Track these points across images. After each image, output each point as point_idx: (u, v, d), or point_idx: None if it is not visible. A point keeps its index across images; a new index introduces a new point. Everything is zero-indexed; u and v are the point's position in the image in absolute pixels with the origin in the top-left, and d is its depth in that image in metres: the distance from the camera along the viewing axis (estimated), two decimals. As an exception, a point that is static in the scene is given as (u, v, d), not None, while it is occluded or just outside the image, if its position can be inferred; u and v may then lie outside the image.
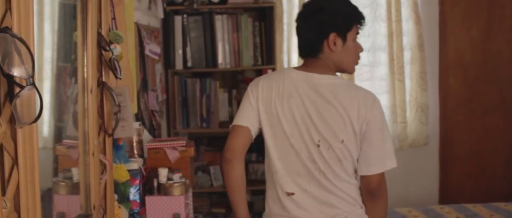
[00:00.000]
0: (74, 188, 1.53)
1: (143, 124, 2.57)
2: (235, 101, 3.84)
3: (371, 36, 3.93)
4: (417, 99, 3.95)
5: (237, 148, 1.96)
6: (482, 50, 4.03)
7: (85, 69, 1.42)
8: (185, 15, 3.69)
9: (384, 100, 3.96)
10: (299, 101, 1.87)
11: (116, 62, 1.56)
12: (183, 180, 2.01)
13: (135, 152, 2.20)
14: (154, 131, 2.85)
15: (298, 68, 1.98)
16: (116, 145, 1.85)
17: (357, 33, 1.97)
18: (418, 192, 4.05)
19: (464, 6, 4.03)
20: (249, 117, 1.94)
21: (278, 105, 1.89)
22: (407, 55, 3.93)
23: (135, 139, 2.21)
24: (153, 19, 3.25)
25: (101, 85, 1.58)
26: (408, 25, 3.92)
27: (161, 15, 3.37)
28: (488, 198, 3.80)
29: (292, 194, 1.90)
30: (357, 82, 3.90)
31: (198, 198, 3.84)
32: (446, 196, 4.05)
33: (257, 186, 3.82)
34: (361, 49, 1.99)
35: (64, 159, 1.65)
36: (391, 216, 3.09)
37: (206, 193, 3.88)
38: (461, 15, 4.01)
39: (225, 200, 3.90)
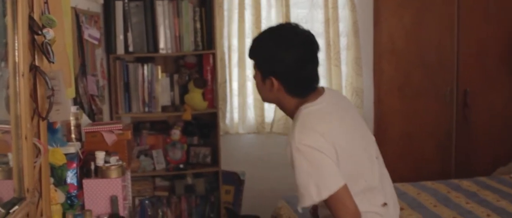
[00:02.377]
0: (10, 173, 1.55)
1: (82, 108, 2.59)
2: (177, 86, 3.89)
3: (309, 23, 4.05)
4: (352, 84, 4.11)
5: (355, 204, 1.78)
6: (414, 37, 4.22)
7: (16, 54, 1.44)
8: (126, 0, 3.70)
9: (321, 85, 4.10)
10: (350, 127, 1.88)
11: (49, 47, 1.59)
12: (120, 162, 2.06)
13: (73, 136, 2.23)
14: (94, 115, 2.87)
15: (317, 102, 1.86)
16: (52, 129, 1.88)
17: None
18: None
19: (397, -5, 4.20)
20: (337, 172, 1.78)
21: (346, 142, 1.83)
22: (343, 41, 4.07)
23: (73, 123, 2.24)
24: (93, 4, 3.25)
25: (34, 69, 1.60)
26: (344, 12, 4.06)
27: (101, 1, 3.37)
28: (419, 178, 3.98)
29: (385, 204, 1.92)
30: (296, 67, 4.03)
31: (141, 181, 3.88)
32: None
33: (198, 169, 3.91)
34: None
35: (0, 144, 1.67)
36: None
37: (149, 177, 3.93)
38: (394, 3, 4.17)
39: (167, 183, 3.97)
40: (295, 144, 1.75)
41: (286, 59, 1.81)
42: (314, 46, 1.87)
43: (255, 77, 1.93)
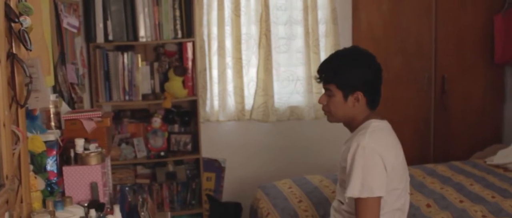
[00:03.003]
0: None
1: (62, 96, 2.59)
2: (157, 74, 3.91)
3: (288, 10, 4.09)
4: (332, 71, 4.14)
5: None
6: (392, 24, 4.27)
7: (-7, 42, 1.45)
8: (105, -12, 3.69)
9: (300, 72, 4.15)
10: (401, 152, 2.13)
11: (26, 34, 1.60)
12: (99, 149, 2.08)
13: (52, 123, 2.24)
14: (73, 104, 2.87)
15: (383, 121, 2.14)
16: (31, 116, 1.90)
17: None
18: (333, 160, 4.27)
19: (375, -18, 4.24)
20: (384, 183, 2.02)
21: (400, 163, 2.09)
22: (322, 28, 4.10)
23: (52, 111, 2.25)
24: (72, -8, 3.23)
25: (11, 57, 1.62)
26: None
27: (80, -12, 3.36)
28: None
29: None
30: (275, 55, 4.07)
31: (122, 169, 3.90)
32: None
33: (179, 156, 3.94)
34: None
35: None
36: (304, 184, 3.27)
37: (130, 165, 3.95)
38: (372, -10, 4.22)
39: (149, 171, 3.99)
40: (364, 143, 1.99)
41: (370, 75, 2.09)
42: (379, 66, 2.15)
43: (330, 99, 2.11)
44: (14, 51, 1.64)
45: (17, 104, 1.66)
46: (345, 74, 2.07)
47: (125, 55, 3.79)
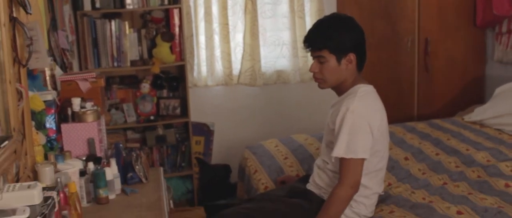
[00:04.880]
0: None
1: (55, 60, 2.69)
2: (145, 41, 3.99)
3: (272, -26, 4.17)
4: (316, 35, 4.25)
5: (360, 178, 2.20)
6: (376, -13, 4.37)
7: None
8: (90, -44, 3.74)
9: (286, 36, 4.26)
10: (385, 114, 2.30)
11: (26, -2, 1.70)
12: (95, 107, 2.19)
13: (49, 85, 2.34)
14: (65, 69, 2.97)
15: (369, 85, 2.29)
16: (31, 76, 2.00)
17: None
18: (320, 121, 4.40)
19: None
20: (368, 146, 2.18)
21: (384, 125, 2.26)
22: (306, -7, 4.20)
23: (47, 73, 2.35)
24: (59, -40, 3.29)
25: (13, 20, 1.72)
26: (306, -37, 4.17)
27: (67, -44, 3.40)
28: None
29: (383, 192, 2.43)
30: (260, 20, 4.16)
31: (113, 134, 4.00)
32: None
33: (168, 120, 4.05)
34: None
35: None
36: (289, 143, 3.41)
37: (121, 129, 4.06)
38: (356, -47, 4.30)
39: (139, 135, 4.11)
40: (353, 107, 2.15)
41: (358, 37, 2.23)
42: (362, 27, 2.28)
43: (323, 65, 2.23)
44: (14, 15, 1.74)
45: (19, 64, 1.77)
46: (337, 38, 2.19)
47: (113, 22, 3.86)
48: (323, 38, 2.21)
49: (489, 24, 4.45)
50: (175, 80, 4.12)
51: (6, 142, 1.53)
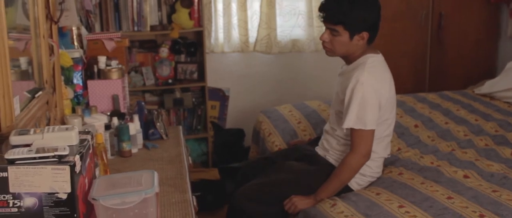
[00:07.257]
0: (22, 75, 1.79)
1: (80, 21, 2.80)
2: (165, 6, 4.08)
3: None
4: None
5: (371, 148, 2.30)
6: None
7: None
8: None
9: (302, 6, 4.32)
10: (392, 82, 2.38)
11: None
12: (120, 66, 2.31)
13: (76, 43, 2.46)
14: (90, 29, 3.08)
15: (379, 55, 2.36)
16: (61, 33, 2.12)
17: None
18: (331, 89, 4.44)
19: None
20: (376, 117, 2.27)
21: (392, 94, 2.35)
22: (323, -37, 4.24)
23: (75, 32, 2.47)
24: None
25: (47, -22, 1.82)
26: None
27: None
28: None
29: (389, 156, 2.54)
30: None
31: (132, 96, 4.13)
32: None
33: (185, 84, 4.17)
34: None
35: (12, 50, 1.90)
36: (303, 108, 3.51)
37: (139, 92, 4.19)
38: None
39: (157, 98, 4.24)
40: (363, 79, 2.21)
41: (376, 16, 2.27)
42: (380, 5, 2.31)
43: (334, 37, 2.27)
44: (48, -27, 1.84)
45: (51, 20, 1.88)
46: (355, 17, 2.21)
47: (134, -14, 3.96)
48: (340, 14, 2.21)
49: (503, 0, 4.47)
50: (192, 45, 4.21)
51: (40, 92, 1.65)
